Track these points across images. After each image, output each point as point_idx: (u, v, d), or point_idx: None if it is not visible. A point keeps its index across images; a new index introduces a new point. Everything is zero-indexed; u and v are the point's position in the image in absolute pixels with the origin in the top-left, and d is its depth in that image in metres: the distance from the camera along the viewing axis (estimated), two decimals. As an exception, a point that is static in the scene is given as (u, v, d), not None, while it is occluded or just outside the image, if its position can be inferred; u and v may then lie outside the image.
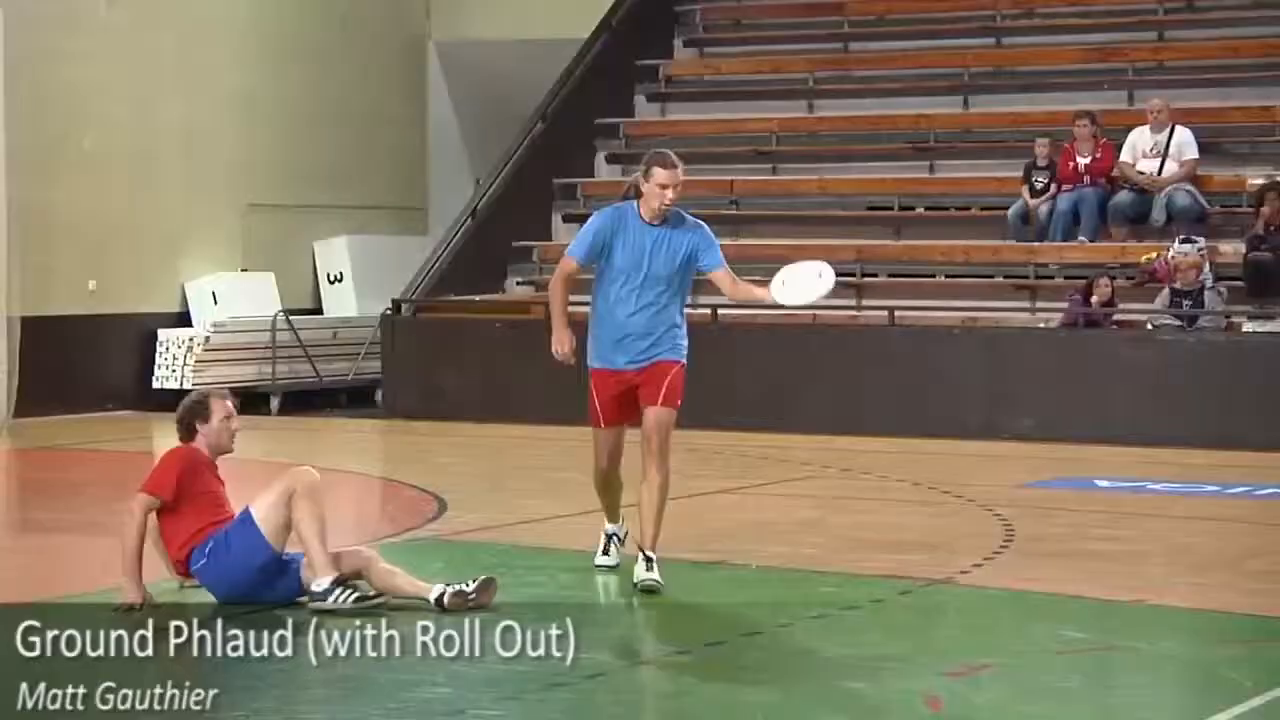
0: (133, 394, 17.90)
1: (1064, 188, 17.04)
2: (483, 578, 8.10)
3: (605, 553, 9.18)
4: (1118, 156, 16.92)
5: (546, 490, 12.33)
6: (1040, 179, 17.16)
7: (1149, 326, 15.84)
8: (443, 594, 7.99)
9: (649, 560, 8.62)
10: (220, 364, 18.03)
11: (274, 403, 18.43)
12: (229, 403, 8.21)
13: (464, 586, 8.02)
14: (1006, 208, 17.38)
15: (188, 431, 8.13)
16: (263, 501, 7.99)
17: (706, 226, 8.91)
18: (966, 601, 8.73)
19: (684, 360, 8.82)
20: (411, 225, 21.24)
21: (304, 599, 7.91)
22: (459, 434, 16.08)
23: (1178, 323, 15.67)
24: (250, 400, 18.28)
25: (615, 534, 9.19)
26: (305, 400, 18.63)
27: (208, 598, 8.02)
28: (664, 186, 8.67)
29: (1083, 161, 16.97)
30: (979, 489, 12.44)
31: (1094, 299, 15.99)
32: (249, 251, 19.36)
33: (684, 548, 8.68)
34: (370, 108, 20.80)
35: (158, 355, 17.98)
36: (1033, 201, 17.12)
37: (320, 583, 7.85)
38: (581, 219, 19.40)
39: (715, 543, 9.95)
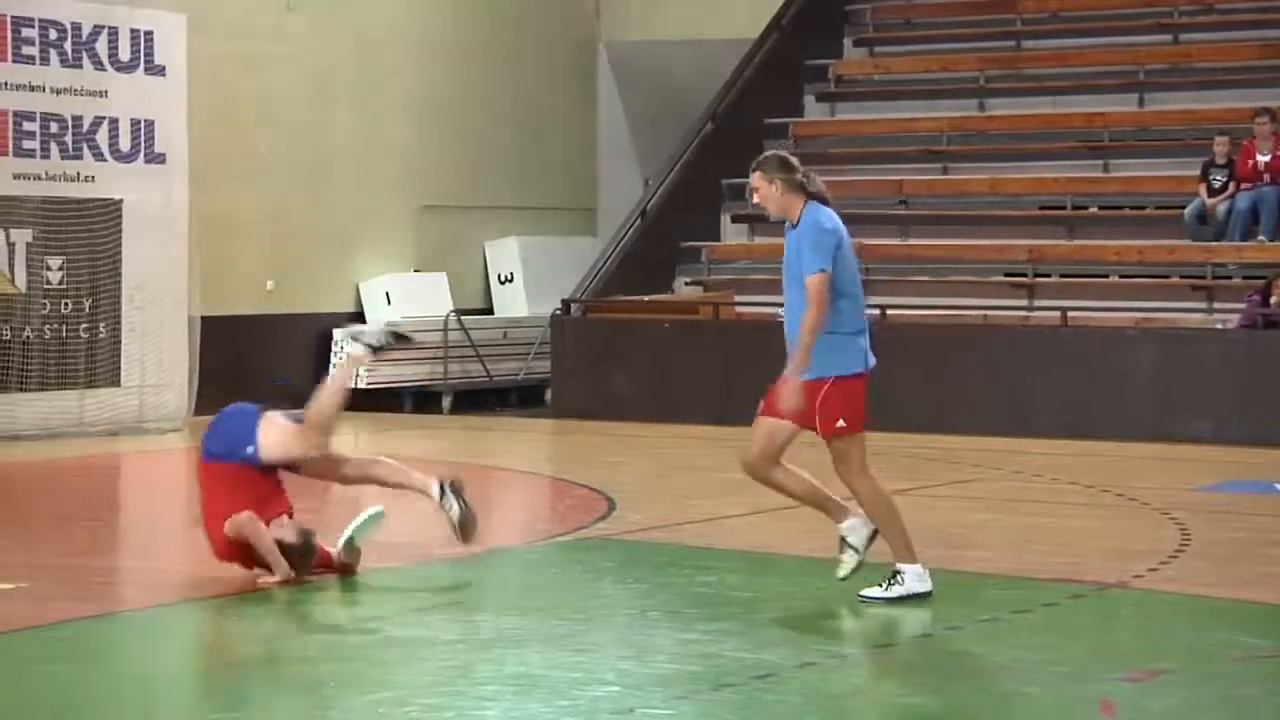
0: (308, 392, 18.00)
1: (1243, 186, 16.75)
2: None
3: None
4: (1299, 154, 16.61)
5: (714, 490, 12.33)
6: (1218, 177, 16.88)
7: (1330, 328, 15.53)
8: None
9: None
10: (393, 363, 18.23)
11: (445, 402, 18.64)
12: None
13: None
14: (1182, 207, 17.12)
15: None
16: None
17: (821, 224, 8.07)
18: (1141, 606, 8.62)
19: (823, 375, 8.09)
20: (581, 226, 21.38)
21: None
22: (628, 433, 16.14)
23: (1360, 324, 15.35)
24: (422, 399, 18.55)
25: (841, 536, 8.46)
26: (476, 399, 18.82)
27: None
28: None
29: (1262, 159, 16.66)
30: (1153, 492, 12.26)
31: (1273, 300, 15.69)
32: (422, 252, 19.62)
33: (853, 549, 8.63)
34: (541, 109, 20.96)
35: (332, 354, 18.23)
36: (1210, 200, 16.84)
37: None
38: (750, 220, 19.59)
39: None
